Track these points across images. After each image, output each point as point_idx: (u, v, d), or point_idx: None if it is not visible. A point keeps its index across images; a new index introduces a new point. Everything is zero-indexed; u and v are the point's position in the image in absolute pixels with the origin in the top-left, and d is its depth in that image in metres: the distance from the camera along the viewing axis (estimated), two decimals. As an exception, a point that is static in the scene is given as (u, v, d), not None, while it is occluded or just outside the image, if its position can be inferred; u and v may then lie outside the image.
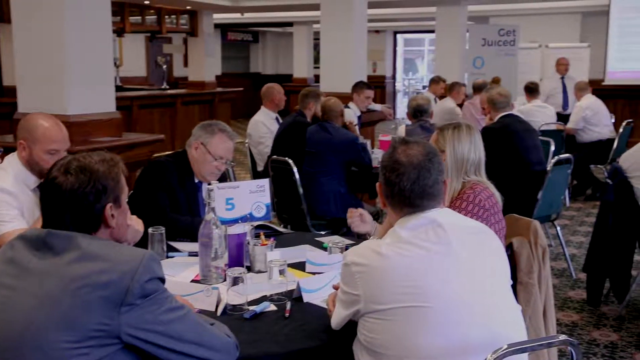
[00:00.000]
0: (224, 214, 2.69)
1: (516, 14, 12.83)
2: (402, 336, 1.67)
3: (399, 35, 19.15)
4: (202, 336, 1.60)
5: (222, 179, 3.08)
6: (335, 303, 1.88)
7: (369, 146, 5.23)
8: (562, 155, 4.83)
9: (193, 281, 2.37)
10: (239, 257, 2.48)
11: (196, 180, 3.05)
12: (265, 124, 5.68)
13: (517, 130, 4.89)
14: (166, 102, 10.16)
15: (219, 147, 2.97)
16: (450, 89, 8.10)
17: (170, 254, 2.67)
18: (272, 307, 2.12)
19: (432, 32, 11.89)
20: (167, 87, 11.59)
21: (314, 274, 2.41)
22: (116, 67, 11.24)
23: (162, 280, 1.58)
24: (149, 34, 13.38)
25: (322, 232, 4.18)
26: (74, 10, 4.06)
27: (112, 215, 1.66)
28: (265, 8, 12.39)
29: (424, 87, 14.98)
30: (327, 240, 2.81)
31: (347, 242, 2.72)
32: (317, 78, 9.41)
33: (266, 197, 2.88)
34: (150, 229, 2.52)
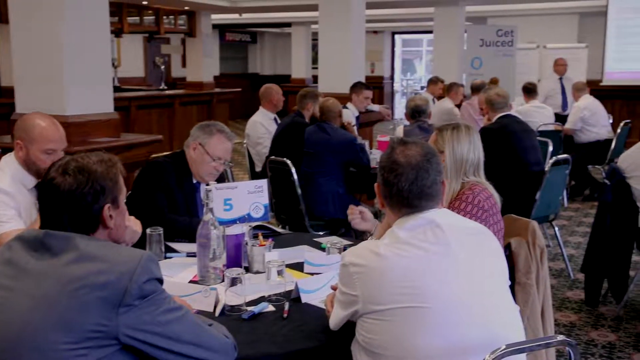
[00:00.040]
0: (222, 214, 2.69)
1: (514, 15, 12.85)
2: (401, 337, 1.67)
3: (397, 36, 19.16)
4: (200, 337, 1.60)
5: (220, 179, 3.08)
6: (333, 304, 1.88)
7: (367, 147, 5.24)
8: (560, 156, 4.83)
9: (191, 282, 2.37)
10: (237, 257, 2.48)
11: (194, 181, 3.05)
12: (263, 125, 5.68)
13: (515, 130, 4.90)
14: (164, 103, 10.15)
15: (217, 148, 2.97)
16: (449, 90, 8.10)
17: (168, 254, 2.67)
18: (271, 308, 2.12)
19: (430, 32, 11.89)
20: (165, 87, 11.57)
21: (312, 274, 2.41)
22: (114, 67, 11.25)
23: (160, 281, 1.58)
24: (147, 35, 13.38)
25: (321, 233, 4.18)
26: (72, 11, 4.05)
27: (110, 216, 1.66)
28: (264, 9, 12.39)
29: (422, 88, 14.99)
30: (325, 241, 2.81)
31: (345, 242, 2.71)
32: (315, 79, 9.41)
33: (264, 198, 2.87)
34: (148, 230, 2.52)
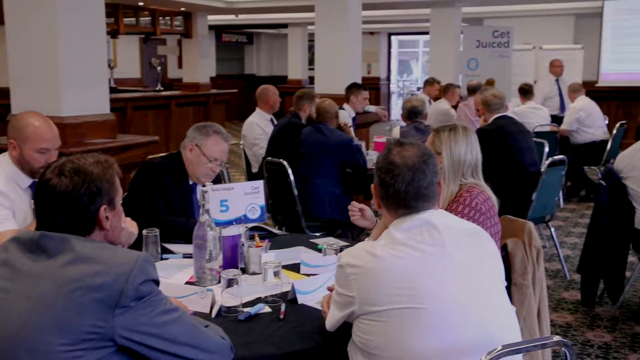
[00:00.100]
0: (219, 215, 2.69)
1: (510, 16, 12.87)
2: (397, 338, 1.67)
3: (393, 37, 19.17)
4: (197, 338, 1.60)
5: (217, 180, 3.08)
6: (329, 305, 1.88)
7: (364, 148, 5.24)
8: (556, 157, 4.84)
9: (187, 283, 2.36)
10: (233, 258, 2.47)
11: (190, 182, 3.05)
12: (259, 126, 5.68)
13: (511, 131, 4.91)
14: (160, 104, 10.13)
15: (213, 149, 2.97)
16: (445, 91, 8.11)
17: (164, 255, 2.66)
18: (267, 309, 2.11)
19: (427, 33, 11.90)
20: (162, 88, 11.57)
21: (308, 275, 2.41)
22: (110, 68, 11.22)
23: (157, 283, 1.58)
24: (143, 36, 13.34)
25: (317, 234, 4.18)
26: (68, 12, 4.04)
27: (107, 217, 1.65)
28: (260, 10, 12.38)
29: (419, 89, 14.99)
30: (321, 242, 2.81)
31: (342, 243, 2.72)
32: (311, 80, 9.43)
33: (261, 199, 2.87)
34: (144, 231, 2.51)
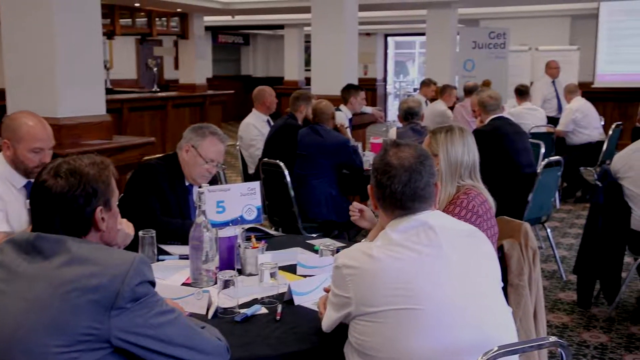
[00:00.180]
0: (215, 216, 2.69)
1: (506, 17, 12.90)
2: (394, 339, 1.67)
3: (389, 38, 19.20)
4: (193, 339, 1.59)
5: (213, 181, 3.07)
6: (326, 306, 1.88)
7: (360, 149, 5.24)
8: (552, 158, 4.84)
9: (184, 284, 2.36)
10: (229, 260, 2.47)
11: (187, 183, 3.04)
12: (256, 127, 5.68)
13: (508, 132, 4.91)
14: (157, 105, 10.11)
15: (209, 150, 2.97)
16: (442, 92, 8.12)
17: (160, 257, 2.66)
18: (263, 310, 2.11)
19: (423, 34, 11.91)
20: (158, 89, 11.55)
21: (305, 276, 2.41)
22: (106, 69, 11.20)
23: (153, 284, 1.58)
24: (139, 37, 13.33)
25: (314, 235, 4.17)
26: (64, 13, 4.03)
27: (103, 219, 1.65)
28: (256, 11, 12.38)
29: (415, 90, 15.00)
30: (318, 243, 2.81)
31: (338, 244, 2.72)
32: (308, 81, 9.41)
33: (257, 200, 2.87)
34: (140, 232, 2.51)
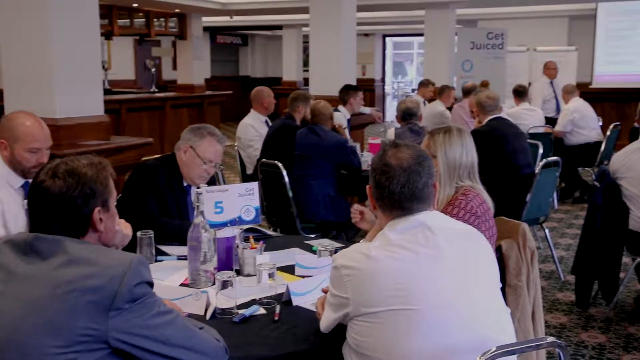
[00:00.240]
0: (213, 217, 2.68)
1: (504, 18, 12.90)
2: (391, 339, 1.67)
3: (388, 39, 19.20)
4: (191, 340, 1.59)
5: (211, 182, 3.08)
6: (324, 306, 1.88)
7: (359, 149, 5.24)
8: (550, 158, 4.85)
9: (182, 285, 2.36)
10: (228, 260, 2.47)
11: (185, 184, 3.04)
12: (254, 127, 5.68)
13: (506, 133, 4.91)
14: (155, 106, 10.12)
15: (208, 151, 2.96)
16: (440, 92, 8.13)
17: (159, 257, 2.66)
18: (262, 311, 2.11)
19: (421, 35, 11.92)
20: (156, 90, 11.55)
21: (303, 277, 2.41)
22: (104, 70, 11.20)
23: (151, 285, 1.58)
24: (137, 37, 13.32)
25: (312, 235, 4.16)
26: (62, 13, 4.03)
27: (101, 219, 1.65)
28: (255, 11, 12.38)
29: (413, 90, 15.01)
30: (316, 244, 2.81)
31: (337, 245, 2.72)
32: (306, 81, 9.44)
33: (255, 201, 2.87)
34: (138, 233, 2.51)
